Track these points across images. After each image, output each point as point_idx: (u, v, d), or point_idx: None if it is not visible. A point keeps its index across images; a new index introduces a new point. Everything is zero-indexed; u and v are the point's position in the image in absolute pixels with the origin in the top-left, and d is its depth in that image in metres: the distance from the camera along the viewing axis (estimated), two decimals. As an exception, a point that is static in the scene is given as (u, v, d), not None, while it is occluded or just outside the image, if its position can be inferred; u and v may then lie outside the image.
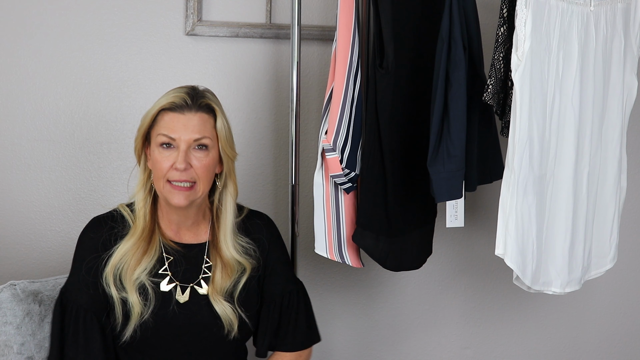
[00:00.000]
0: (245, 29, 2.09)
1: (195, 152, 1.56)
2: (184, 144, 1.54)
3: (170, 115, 1.56)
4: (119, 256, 1.58)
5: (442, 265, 2.32)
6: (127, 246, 1.59)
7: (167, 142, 1.55)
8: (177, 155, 1.54)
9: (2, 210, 2.04)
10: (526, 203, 1.67)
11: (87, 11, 2.03)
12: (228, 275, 1.62)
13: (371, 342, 2.31)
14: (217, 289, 1.61)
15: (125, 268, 1.57)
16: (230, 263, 1.63)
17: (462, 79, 1.67)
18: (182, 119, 1.55)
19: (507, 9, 1.70)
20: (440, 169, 1.68)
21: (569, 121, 1.73)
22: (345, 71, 1.76)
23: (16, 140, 2.03)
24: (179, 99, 1.56)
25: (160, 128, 1.56)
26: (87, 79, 2.05)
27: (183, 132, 1.54)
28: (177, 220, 1.64)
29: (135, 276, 1.57)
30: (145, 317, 1.57)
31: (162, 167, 1.55)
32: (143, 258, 1.58)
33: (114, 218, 1.64)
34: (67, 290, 1.60)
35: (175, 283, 1.61)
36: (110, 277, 1.57)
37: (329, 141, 1.76)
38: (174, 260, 1.62)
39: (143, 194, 1.62)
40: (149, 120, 1.58)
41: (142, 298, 1.57)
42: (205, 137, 1.56)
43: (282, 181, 2.18)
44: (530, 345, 2.42)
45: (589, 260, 1.87)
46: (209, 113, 1.58)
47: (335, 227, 1.86)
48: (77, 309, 1.57)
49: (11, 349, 1.63)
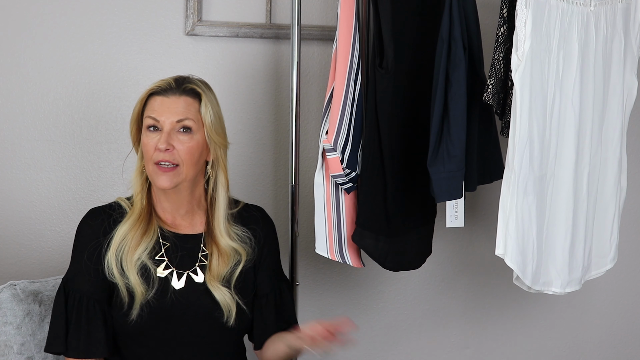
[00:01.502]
0: (245, 29, 2.09)
1: (180, 135, 1.58)
2: (168, 126, 1.57)
3: (156, 99, 1.60)
4: (119, 238, 1.60)
5: (442, 265, 2.32)
6: (125, 227, 1.61)
7: (153, 125, 1.59)
8: (160, 137, 1.57)
9: (2, 210, 2.04)
10: (526, 203, 1.67)
11: (87, 11, 2.03)
12: (224, 263, 1.64)
13: (371, 342, 2.31)
14: (215, 276, 1.63)
15: (125, 250, 1.59)
16: (226, 250, 1.64)
17: (462, 79, 1.67)
18: (166, 101, 1.59)
19: (507, 9, 1.70)
20: (441, 169, 1.68)
21: (569, 121, 1.73)
22: (346, 71, 1.76)
23: (16, 140, 2.03)
24: (165, 83, 1.61)
25: (148, 111, 1.60)
26: (87, 79, 2.05)
27: (167, 114, 1.58)
28: (170, 209, 1.65)
29: (136, 256, 1.59)
30: (149, 297, 1.58)
31: (149, 150, 1.58)
32: (142, 239, 1.60)
33: (112, 207, 1.66)
34: (69, 279, 1.61)
35: (171, 269, 1.62)
36: (112, 260, 1.58)
37: (330, 141, 1.77)
38: (171, 247, 1.63)
39: (140, 180, 1.65)
40: (139, 104, 1.63)
41: (144, 279, 1.59)
42: (188, 118, 1.59)
43: (282, 181, 2.17)
44: (531, 345, 2.42)
45: (589, 260, 1.87)
46: (194, 97, 1.61)
47: (335, 227, 1.86)
48: (80, 296, 1.58)
49: (11, 349, 1.63)
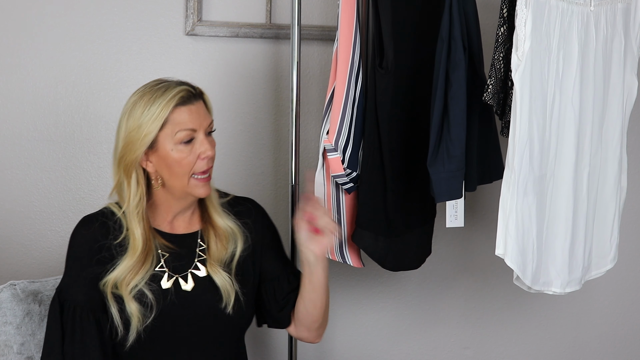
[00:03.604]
0: (245, 29, 2.09)
1: (208, 138, 1.58)
2: (202, 133, 1.55)
3: (183, 110, 1.53)
4: (120, 273, 1.55)
5: (442, 265, 2.32)
6: (127, 263, 1.56)
7: (189, 137, 1.53)
8: (199, 145, 1.54)
9: (2, 210, 2.04)
10: (526, 203, 1.67)
11: (87, 11, 2.03)
12: (223, 245, 1.63)
13: (371, 342, 2.31)
14: (215, 259, 1.62)
15: (124, 282, 1.56)
16: (224, 230, 1.63)
17: (462, 79, 1.67)
18: (193, 109, 1.54)
19: (507, 9, 1.70)
20: (440, 169, 1.68)
21: (569, 121, 1.73)
22: (347, 71, 1.76)
23: (16, 140, 2.03)
24: (184, 91, 1.54)
25: (178, 125, 1.52)
26: (87, 79, 2.05)
27: (199, 121, 1.54)
28: (177, 211, 1.63)
29: (133, 284, 1.56)
30: (148, 322, 1.56)
31: (188, 163, 1.53)
32: (140, 270, 1.57)
33: (104, 214, 1.62)
34: (63, 289, 1.59)
35: (175, 277, 1.61)
36: (108, 289, 1.55)
37: (331, 141, 1.76)
38: (170, 257, 1.62)
39: (138, 212, 1.56)
40: (158, 123, 1.51)
41: (142, 305, 1.56)
42: (212, 120, 1.59)
43: (282, 181, 2.18)
44: (531, 345, 2.42)
45: (589, 260, 1.87)
46: (201, 98, 1.60)
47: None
48: (74, 306, 1.56)
49: (11, 349, 1.64)
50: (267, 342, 2.22)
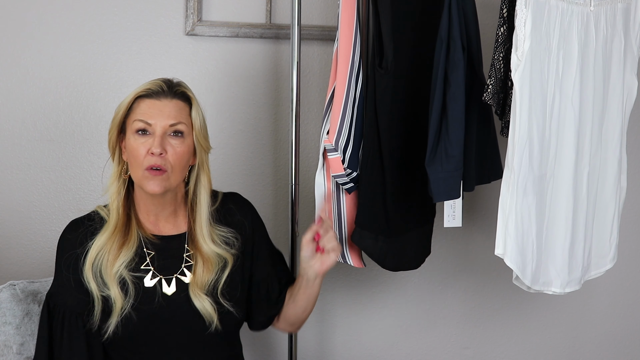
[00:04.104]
0: (245, 29, 2.09)
1: (171, 139, 1.57)
2: (160, 129, 1.56)
3: (146, 102, 1.58)
4: (95, 251, 1.58)
5: (441, 265, 2.32)
6: (101, 240, 1.59)
7: (143, 128, 1.56)
8: (153, 141, 1.55)
9: (2, 210, 2.04)
10: (526, 203, 1.67)
11: (87, 11, 2.03)
12: (209, 270, 1.62)
13: (371, 342, 2.31)
14: (199, 284, 1.61)
15: (104, 263, 1.57)
16: (210, 257, 1.63)
17: (461, 79, 1.67)
18: (158, 104, 1.57)
19: (507, 9, 1.70)
20: (438, 169, 1.68)
21: (569, 121, 1.73)
22: (347, 71, 1.76)
23: (16, 140, 2.03)
24: (155, 86, 1.59)
25: (136, 114, 1.57)
26: (87, 79, 2.05)
27: (159, 117, 1.56)
28: (155, 210, 1.64)
29: (115, 269, 1.57)
30: (126, 312, 1.56)
31: (139, 154, 1.55)
32: (121, 251, 1.58)
33: (91, 218, 1.64)
34: (52, 293, 1.60)
35: (159, 277, 1.61)
36: (89, 273, 1.57)
37: (331, 141, 1.76)
38: (156, 255, 1.62)
39: (116, 186, 1.62)
40: (124, 108, 1.59)
41: (125, 291, 1.57)
42: (181, 122, 1.58)
43: (282, 181, 2.18)
44: (530, 345, 2.42)
45: (589, 260, 1.87)
46: (185, 101, 1.60)
47: (336, 227, 1.86)
48: (63, 310, 1.57)
49: (10, 349, 1.64)
50: (267, 342, 2.22)
